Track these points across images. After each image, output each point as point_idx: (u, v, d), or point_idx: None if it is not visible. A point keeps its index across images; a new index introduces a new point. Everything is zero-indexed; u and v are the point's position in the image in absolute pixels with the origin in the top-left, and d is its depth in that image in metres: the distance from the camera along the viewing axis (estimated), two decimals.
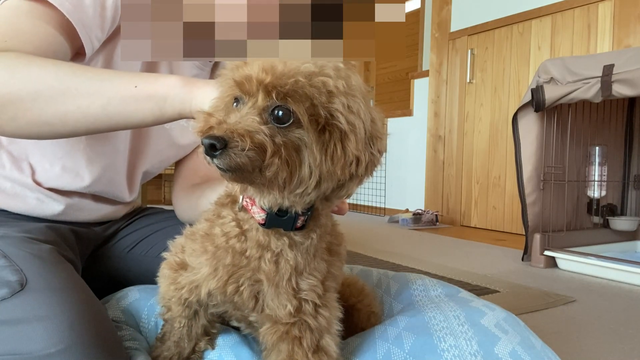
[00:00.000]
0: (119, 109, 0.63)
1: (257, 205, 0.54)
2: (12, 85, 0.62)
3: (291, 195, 0.49)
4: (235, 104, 0.50)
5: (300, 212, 0.53)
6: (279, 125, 0.46)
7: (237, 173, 0.46)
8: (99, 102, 0.63)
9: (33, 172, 0.82)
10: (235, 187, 0.56)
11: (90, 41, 0.73)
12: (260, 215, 0.54)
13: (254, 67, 0.47)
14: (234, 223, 0.56)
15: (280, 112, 0.46)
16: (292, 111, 0.46)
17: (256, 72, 0.46)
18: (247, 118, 0.46)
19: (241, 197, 0.56)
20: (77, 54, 0.75)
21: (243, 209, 0.56)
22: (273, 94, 0.46)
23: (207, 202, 0.89)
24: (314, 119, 0.46)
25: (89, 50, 0.74)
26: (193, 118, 0.64)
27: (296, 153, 0.47)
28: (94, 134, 0.69)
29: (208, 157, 0.45)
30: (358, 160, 0.48)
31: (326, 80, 0.46)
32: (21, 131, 0.66)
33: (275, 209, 0.53)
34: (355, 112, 0.47)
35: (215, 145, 0.44)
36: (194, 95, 0.63)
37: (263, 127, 0.45)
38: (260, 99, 0.47)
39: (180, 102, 0.63)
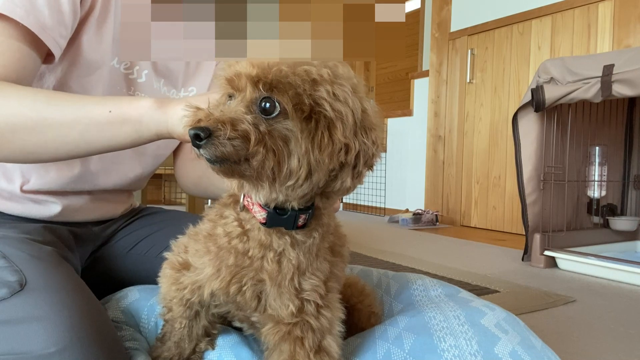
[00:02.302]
0: (96, 135, 0.65)
1: (257, 204, 0.54)
2: None
3: (283, 187, 0.49)
4: (229, 101, 0.51)
5: (297, 208, 0.53)
6: (266, 116, 0.47)
7: (225, 164, 0.47)
8: (77, 130, 0.64)
9: (25, 182, 0.81)
10: (233, 185, 0.56)
11: (55, 41, 0.72)
12: (261, 215, 0.54)
13: (243, 64, 0.48)
14: (236, 223, 0.56)
15: (267, 104, 0.47)
16: (278, 102, 0.47)
17: (245, 68, 0.48)
18: (232, 109, 0.47)
19: (242, 196, 0.56)
20: (49, 55, 0.74)
21: (245, 208, 0.56)
22: (260, 85, 0.47)
23: (208, 181, 0.90)
24: (299, 107, 0.47)
25: (56, 51, 0.73)
26: (172, 138, 0.65)
27: (284, 143, 0.47)
28: (78, 158, 0.71)
29: (195, 149, 0.46)
30: (347, 147, 0.48)
31: (309, 69, 0.47)
32: (6, 159, 0.68)
33: (272, 205, 0.53)
34: (342, 100, 0.48)
35: (200, 135, 0.45)
36: (169, 115, 0.64)
37: (247, 116, 0.46)
38: (248, 92, 0.48)
39: (156, 124, 0.64)
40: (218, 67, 0.54)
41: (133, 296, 0.78)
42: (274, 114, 0.47)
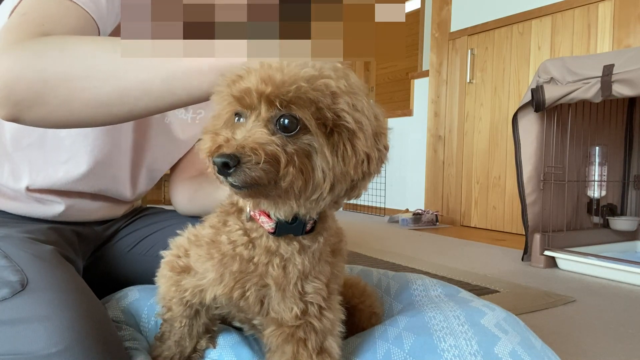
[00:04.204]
0: (183, 83, 0.58)
1: (264, 214, 0.53)
2: (63, 63, 0.57)
3: (307, 202, 0.48)
4: (237, 119, 0.49)
5: (315, 218, 0.53)
6: (286, 134, 0.46)
7: (253, 188, 0.45)
8: (162, 75, 0.57)
9: (32, 181, 0.81)
10: (249, 204, 0.55)
11: (105, 32, 0.72)
12: (269, 225, 0.53)
13: (251, 80, 0.46)
14: (241, 232, 0.55)
15: (286, 121, 0.45)
16: (298, 118, 0.45)
17: (255, 84, 0.45)
18: (254, 131, 0.45)
19: (248, 207, 0.55)
20: None
21: (251, 219, 0.55)
22: (276, 103, 0.45)
23: (205, 194, 0.89)
24: (321, 122, 0.46)
25: None
26: None
27: (308, 159, 0.46)
28: (150, 115, 0.63)
29: (221, 176, 0.44)
30: (369, 157, 0.48)
31: (328, 82, 0.46)
32: (73, 116, 0.59)
33: (290, 218, 0.52)
34: (360, 110, 0.47)
35: (229, 164, 0.43)
36: None
37: (273, 138, 0.45)
38: (264, 110, 0.46)
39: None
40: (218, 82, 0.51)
41: (133, 296, 0.78)
42: (295, 131, 0.46)
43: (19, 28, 0.60)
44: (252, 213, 0.55)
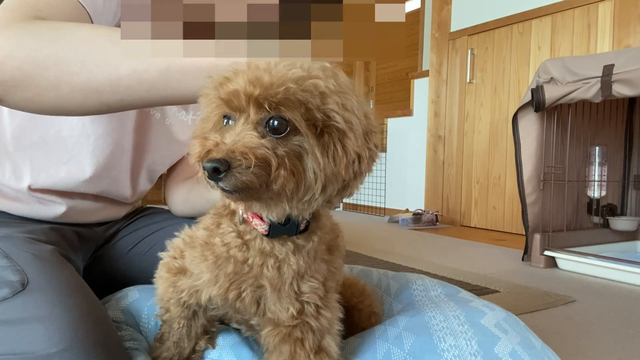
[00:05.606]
0: (179, 77, 0.56)
1: (257, 217, 0.53)
2: (58, 46, 0.55)
3: (299, 203, 0.48)
4: (225, 122, 0.48)
5: (308, 218, 0.53)
6: (276, 136, 0.45)
7: (244, 192, 0.45)
8: (158, 67, 0.56)
9: (34, 180, 0.81)
10: (240, 207, 0.55)
11: None
12: (262, 227, 0.53)
13: (239, 82, 0.46)
14: (234, 234, 0.55)
15: (276, 123, 0.45)
16: (288, 119, 0.45)
17: (243, 87, 0.45)
18: (244, 135, 0.45)
19: (240, 210, 0.55)
20: None
21: (244, 221, 0.55)
22: (265, 105, 0.45)
23: (198, 195, 0.90)
24: (311, 123, 0.46)
25: None
26: None
27: (298, 161, 0.46)
28: (142, 107, 0.62)
29: (212, 181, 0.44)
30: (359, 157, 0.48)
31: (317, 82, 0.45)
32: (60, 102, 0.58)
33: (282, 220, 0.52)
34: (350, 110, 0.47)
35: (219, 169, 0.43)
36: None
37: (263, 141, 0.44)
38: (252, 113, 0.45)
39: None
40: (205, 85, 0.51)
41: (133, 296, 0.78)
42: (284, 133, 0.45)
43: (14, 9, 0.59)
44: (244, 216, 0.55)
